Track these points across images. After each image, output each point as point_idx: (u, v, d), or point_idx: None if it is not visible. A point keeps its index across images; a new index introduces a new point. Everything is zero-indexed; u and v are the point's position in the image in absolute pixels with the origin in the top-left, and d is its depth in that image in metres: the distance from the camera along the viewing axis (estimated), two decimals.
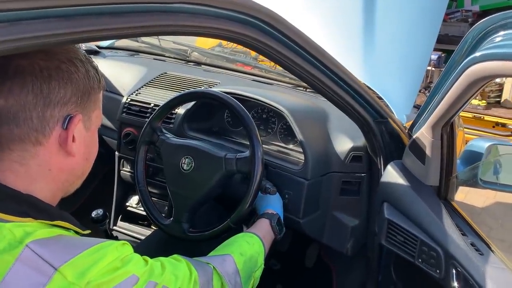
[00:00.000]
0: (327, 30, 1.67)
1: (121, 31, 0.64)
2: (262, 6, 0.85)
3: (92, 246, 0.68)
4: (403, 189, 1.18)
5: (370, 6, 1.72)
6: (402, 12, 1.73)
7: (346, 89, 1.12)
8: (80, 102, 0.73)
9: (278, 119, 1.56)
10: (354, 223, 1.45)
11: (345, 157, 1.39)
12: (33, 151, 0.69)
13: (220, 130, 1.66)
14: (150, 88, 1.80)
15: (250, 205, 1.22)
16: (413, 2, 1.72)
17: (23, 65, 0.66)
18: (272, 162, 1.42)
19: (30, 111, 0.67)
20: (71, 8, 0.57)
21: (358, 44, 1.65)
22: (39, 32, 0.54)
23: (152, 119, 1.39)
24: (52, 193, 0.74)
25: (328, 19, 1.73)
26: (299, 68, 0.99)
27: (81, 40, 0.61)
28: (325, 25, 1.68)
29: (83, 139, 0.75)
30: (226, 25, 0.80)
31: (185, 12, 0.73)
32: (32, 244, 0.64)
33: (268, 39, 0.89)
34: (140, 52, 2.22)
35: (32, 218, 0.67)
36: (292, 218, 1.39)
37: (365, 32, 1.67)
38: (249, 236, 1.13)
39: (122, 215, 1.86)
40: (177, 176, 1.31)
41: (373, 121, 1.24)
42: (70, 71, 0.71)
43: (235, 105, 1.26)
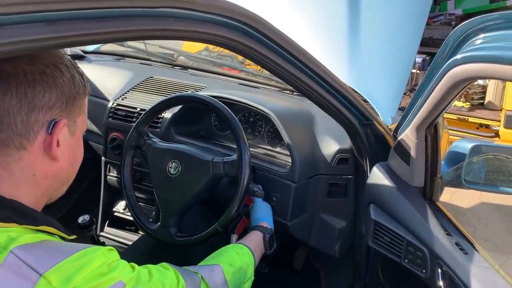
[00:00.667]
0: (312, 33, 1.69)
1: (107, 35, 0.64)
2: (247, 10, 0.86)
3: (77, 252, 0.67)
4: (389, 191, 1.19)
5: (354, 10, 1.74)
6: (386, 15, 1.75)
7: (331, 91, 1.13)
8: (65, 107, 0.72)
9: (265, 122, 1.57)
10: (341, 225, 1.46)
11: (331, 159, 1.40)
12: (17, 156, 0.69)
13: (207, 134, 1.66)
14: (136, 93, 1.79)
15: (237, 209, 1.22)
16: (397, 6, 1.74)
17: (7, 70, 0.66)
18: (260, 165, 1.43)
19: (14, 115, 0.66)
20: (57, 13, 0.56)
21: (343, 47, 1.67)
22: (25, 36, 0.53)
23: (139, 124, 1.38)
24: (36, 199, 0.74)
25: (313, 22, 1.74)
26: (284, 71, 1.00)
27: (68, 44, 0.61)
28: (310, 28, 1.70)
29: (68, 144, 0.75)
30: (211, 29, 0.81)
31: (170, 16, 0.73)
32: (17, 249, 0.63)
33: (253, 43, 0.90)
34: (126, 56, 2.21)
35: (17, 223, 0.67)
36: (280, 220, 1.40)
37: (350, 35, 1.69)
38: (239, 247, 1.12)
39: (109, 221, 1.85)
40: (164, 181, 1.31)
41: (358, 123, 1.26)
42: (55, 75, 0.71)
43: (222, 109, 1.26)
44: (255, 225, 1.25)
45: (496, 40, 0.70)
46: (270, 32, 0.92)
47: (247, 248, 1.13)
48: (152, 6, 0.70)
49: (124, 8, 0.65)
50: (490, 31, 0.72)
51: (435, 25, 4.65)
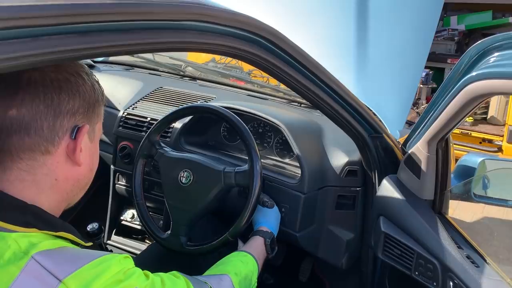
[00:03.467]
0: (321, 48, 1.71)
1: (134, 47, 0.67)
2: (265, 24, 0.88)
3: (95, 259, 0.68)
4: (399, 203, 1.20)
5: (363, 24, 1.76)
6: (394, 31, 1.77)
7: (343, 104, 1.15)
8: (86, 114, 0.74)
9: (274, 133, 1.58)
10: (349, 237, 1.46)
11: (340, 171, 1.41)
12: (41, 160, 0.70)
13: (216, 144, 1.68)
14: (146, 102, 1.81)
15: (248, 219, 1.23)
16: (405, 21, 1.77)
17: (35, 77, 0.68)
18: (269, 176, 1.44)
19: (41, 121, 0.68)
20: (88, 25, 0.58)
21: (351, 62, 1.69)
22: (58, 47, 0.55)
23: (151, 133, 1.40)
24: (56, 204, 0.75)
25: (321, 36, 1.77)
26: (300, 85, 1.02)
27: (97, 55, 0.63)
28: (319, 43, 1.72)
29: (88, 150, 0.77)
30: (232, 42, 0.83)
31: (193, 29, 0.75)
32: (37, 255, 0.64)
33: (271, 57, 0.92)
34: (135, 66, 2.23)
35: (37, 229, 0.68)
36: (289, 231, 1.40)
37: (358, 49, 1.72)
38: (243, 255, 1.14)
39: (116, 229, 1.85)
40: (176, 190, 1.32)
41: (368, 136, 1.27)
42: (78, 83, 0.73)
43: (234, 120, 1.28)
44: (256, 230, 1.26)
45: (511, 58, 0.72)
46: (287, 46, 0.94)
47: (251, 256, 1.14)
48: (177, 19, 0.72)
49: (151, 21, 0.67)
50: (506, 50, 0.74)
51: (438, 40, 4.69)
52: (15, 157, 0.69)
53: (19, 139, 0.68)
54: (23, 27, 0.52)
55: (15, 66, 0.53)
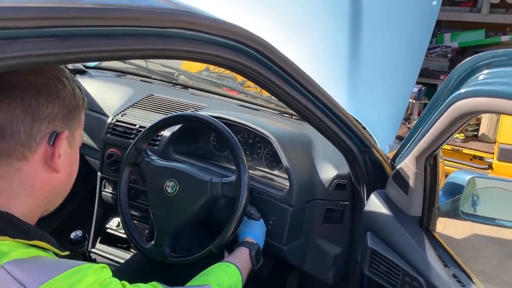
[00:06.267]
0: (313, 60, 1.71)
1: (116, 53, 0.65)
2: (254, 34, 0.87)
3: (70, 269, 0.66)
4: (386, 219, 1.19)
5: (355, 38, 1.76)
6: (387, 45, 1.78)
7: (332, 117, 1.14)
8: (66, 119, 0.73)
9: (264, 144, 1.57)
10: (337, 251, 1.45)
11: (329, 184, 1.40)
12: (17, 166, 0.68)
13: (206, 153, 1.66)
14: (136, 110, 1.79)
15: (234, 231, 1.21)
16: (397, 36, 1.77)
17: (12, 81, 0.66)
18: (257, 188, 1.42)
19: (18, 125, 0.66)
20: (69, 29, 0.57)
21: (342, 75, 1.69)
22: (37, 50, 0.54)
23: (138, 140, 1.38)
24: (31, 211, 0.73)
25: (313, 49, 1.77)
26: (287, 95, 1.01)
27: (78, 60, 0.62)
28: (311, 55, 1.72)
29: (67, 156, 0.75)
30: (218, 51, 0.82)
31: (178, 37, 0.74)
32: (8, 264, 0.62)
33: (258, 66, 0.91)
34: (127, 73, 2.22)
35: (9, 237, 0.66)
36: (275, 244, 1.38)
37: (350, 63, 1.72)
38: (226, 266, 1.12)
39: (101, 237, 1.82)
40: (161, 199, 1.30)
41: (357, 150, 1.26)
42: (58, 88, 0.71)
43: (222, 130, 1.27)
44: (241, 241, 1.24)
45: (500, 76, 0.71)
46: (274, 56, 0.93)
47: (235, 266, 1.12)
48: (161, 26, 0.71)
49: (134, 27, 0.66)
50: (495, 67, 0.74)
51: (432, 56, 4.73)
52: None
53: None
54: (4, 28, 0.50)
55: None
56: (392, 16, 1.78)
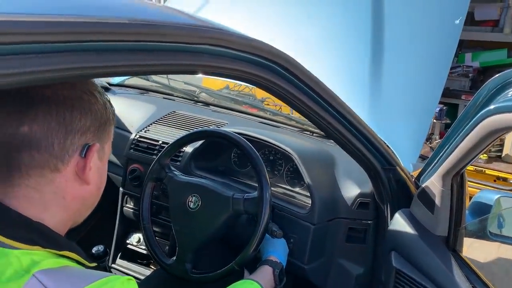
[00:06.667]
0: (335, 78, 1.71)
1: (149, 68, 0.66)
2: (279, 51, 0.88)
3: (99, 279, 0.66)
4: (412, 238, 1.17)
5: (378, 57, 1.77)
6: (410, 64, 1.78)
7: (356, 135, 1.13)
8: (97, 132, 0.74)
9: (285, 161, 1.57)
10: (359, 271, 1.42)
11: (352, 203, 1.38)
12: (50, 178, 0.69)
13: (226, 169, 1.66)
14: (159, 126, 1.81)
15: (256, 248, 1.20)
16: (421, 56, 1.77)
17: (48, 94, 0.68)
18: (278, 205, 1.42)
19: (52, 138, 0.67)
20: (104, 44, 0.58)
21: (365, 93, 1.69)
22: (72, 64, 0.55)
23: (161, 156, 1.39)
24: (62, 222, 0.74)
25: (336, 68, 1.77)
26: (312, 111, 1.01)
27: (112, 74, 0.63)
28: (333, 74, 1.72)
29: (97, 169, 0.76)
30: (244, 67, 0.83)
31: (207, 53, 0.75)
32: (39, 273, 0.62)
33: (283, 82, 0.92)
34: (150, 90, 2.26)
35: (40, 247, 0.66)
36: (297, 263, 1.37)
37: (373, 82, 1.72)
38: (250, 283, 1.11)
39: (121, 253, 1.83)
40: (183, 215, 1.30)
41: (381, 168, 1.25)
42: (90, 101, 0.73)
43: (245, 145, 1.27)
44: (264, 259, 1.23)
45: None
46: (299, 72, 0.94)
47: (258, 285, 1.11)
48: (191, 42, 0.72)
49: (168, 43, 0.67)
50: None
51: (453, 76, 4.68)
52: (23, 173, 0.68)
53: (28, 155, 0.67)
54: (39, 42, 0.52)
55: (29, 81, 0.53)
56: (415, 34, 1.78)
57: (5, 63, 0.49)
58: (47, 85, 0.68)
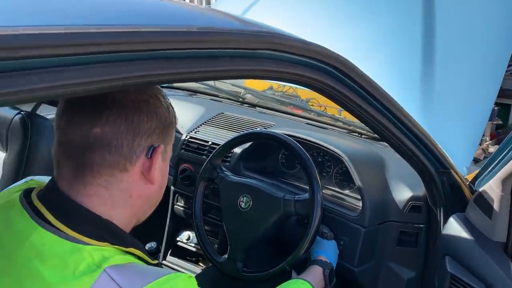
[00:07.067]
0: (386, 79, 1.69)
1: (214, 74, 0.69)
2: (336, 54, 0.88)
3: (163, 276, 0.69)
4: (468, 244, 1.14)
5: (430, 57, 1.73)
6: (463, 64, 1.73)
7: (411, 137, 1.12)
8: (161, 134, 0.77)
9: (334, 163, 1.56)
10: (410, 275, 1.40)
11: (403, 206, 1.36)
12: (119, 177, 0.73)
13: (274, 171, 1.68)
14: (208, 127, 1.85)
15: (307, 249, 1.21)
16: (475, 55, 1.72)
17: (119, 98, 0.72)
18: (328, 207, 1.42)
19: (122, 139, 0.71)
20: (174, 51, 0.61)
21: (417, 94, 1.66)
22: (148, 71, 0.58)
23: (213, 156, 1.43)
24: (128, 220, 0.77)
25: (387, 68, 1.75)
26: (368, 114, 1.01)
27: (180, 80, 0.66)
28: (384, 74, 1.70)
29: (160, 169, 0.79)
30: (303, 71, 0.84)
31: (268, 58, 0.77)
32: (109, 269, 0.66)
33: (341, 86, 0.92)
34: (198, 92, 2.31)
35: (109, 243, 0.70)
36: (347, 266, 1.36)
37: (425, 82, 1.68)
38: (301, 283, 1.12)
39: (172, 250, 1.88)
40: (235, 214, 1.32)
41: (435, 171, 1.23)
42: (156, 105, 0.76)
43: (295, 147, 1.28)
44: (314, 259, 1.24)
45: None
46: (355, 74, 0.94)
47: (310, 284, 1.12)
48: (251, 48, 0.74)
49: (229, 49, 0.70)
50: None
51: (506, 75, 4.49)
52: (95, 173, 0.72)
53: (101, 156, 0.71)
54: (118, 52, 0.55)
55: (109, 88, 0.56)
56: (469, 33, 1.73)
57: (89, 71, 0.53)
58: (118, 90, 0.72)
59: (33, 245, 0.69)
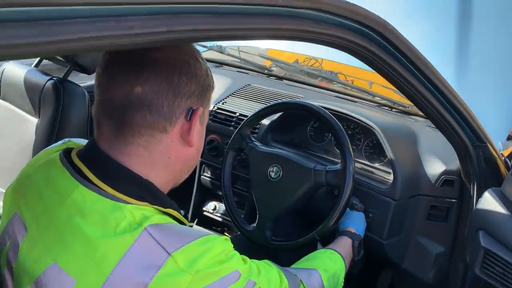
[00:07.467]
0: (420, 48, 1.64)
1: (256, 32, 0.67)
2: (382, 19, 0.85)
3: (201, 237, 0.69)
4: (504, 218, 1.11)
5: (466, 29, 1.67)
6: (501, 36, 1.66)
7: (449, 109, 1.09)
8: (200, 97, 0.76)
9: (365, 135, 1.54)
10: (439, 250, 1.39)
11: (436, 180, 1.34)
12: (158, 138, 0.72)
13: (302, 143, 1.66)
14: (235, 98, 1.84)
15: (337, 220, 1.20)
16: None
17: (159, 57, 0.70)
18: (358, 179, 1.40)
19: (162, 100, 0.70)
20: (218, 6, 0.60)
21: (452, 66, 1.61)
22: (193, 25, 0.57)
23: (243, 126, 1.42)
24: (166, 181, 0.78)
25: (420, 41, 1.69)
26: (406, 83, 0.98)
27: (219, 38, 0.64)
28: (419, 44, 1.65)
29: (198, 132, 0.78)
30: (345, 33, 0.81)
31: (309, 18, 0.75)
32: (150, 227, 0.66)
33: (382, 52, 0.89)
34: (225, 64, 2.28)
35: (149, 203, 0.71)
36: (375, 238, 1.35)
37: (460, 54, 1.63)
38: (331, 253, 1.11)
39: (197, 219, 1.90)
40: (264, 184, 1.32)
41: (471, 145, 1.19)
42: (196, 67, 0.75)
43: (328, 118, 1.26)
44: (343, 230, 1.23)
45: None
46: (396, 39, 0.90)
47: (339, 255, 1.12)
48: (295, 6, 0.71)
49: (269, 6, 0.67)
50: None
51: None
52: (136, 132, 0.71)
53: (141, 115, 0.70)
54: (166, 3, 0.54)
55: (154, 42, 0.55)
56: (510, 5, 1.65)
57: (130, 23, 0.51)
58: (157, 48, 0.71)
59: (75, 202, 0.70)
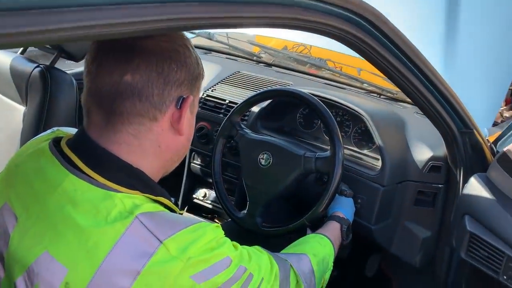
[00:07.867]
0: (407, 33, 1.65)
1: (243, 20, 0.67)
2: (371, 6, 0.85)
3: (192, 224, 0.70)
4: (489, 203, 1.14)
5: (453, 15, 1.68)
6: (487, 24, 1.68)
7: (436, 96, 1.10)
8: (190, 86, 0.76)
9: (353, 122, 1.55)
10: (426, 234, 1.41)
11: (423, 166, 1.36)
12: (148, 126, 0.72)
13: (292, 130, 1.67)
14: (225, 86, 1.84)
15: (327, 206, 1.22)
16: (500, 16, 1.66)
17: (149, 45, 0.70)
18: (347, 166, 1.41)
19: (152, 88, 0.70)
20: None
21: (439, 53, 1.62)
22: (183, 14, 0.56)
23: (232, 114, 1.42)
24: (156, 170, 0.78)
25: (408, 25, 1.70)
26: (394, 70, 0.99)
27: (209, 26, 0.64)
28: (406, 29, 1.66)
29: (188, 121, 0.78)
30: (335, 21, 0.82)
31: (298, 6, 0.75)
32: (141, 216, 0.67)
33: (371, 40, 0.90)
34: (213, 51, 2.27)
35: (139, 192, 0.71)
36: (364, 224, 1.38)
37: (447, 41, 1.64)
38: (320, 238, 1.13)
39: (188, 206, 1.91)
40: (254, 171, 1.33)
41: (458, 131, 1.21)
42: (186, 55, 0.74)
43: (317, 105, 1.27)
44: (331, 215, 1.25)
45: None
46: (385, 26, 0.91)
47: (328, 239, 1.13)
48: None
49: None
50: None
51: None
52: (125, 121, 0.71)
53: (131, 103, 0.70)
54: None
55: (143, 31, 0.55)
56: None
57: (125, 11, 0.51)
58: (147, 36, 0.70)
59: (65, 191, 0.69)
